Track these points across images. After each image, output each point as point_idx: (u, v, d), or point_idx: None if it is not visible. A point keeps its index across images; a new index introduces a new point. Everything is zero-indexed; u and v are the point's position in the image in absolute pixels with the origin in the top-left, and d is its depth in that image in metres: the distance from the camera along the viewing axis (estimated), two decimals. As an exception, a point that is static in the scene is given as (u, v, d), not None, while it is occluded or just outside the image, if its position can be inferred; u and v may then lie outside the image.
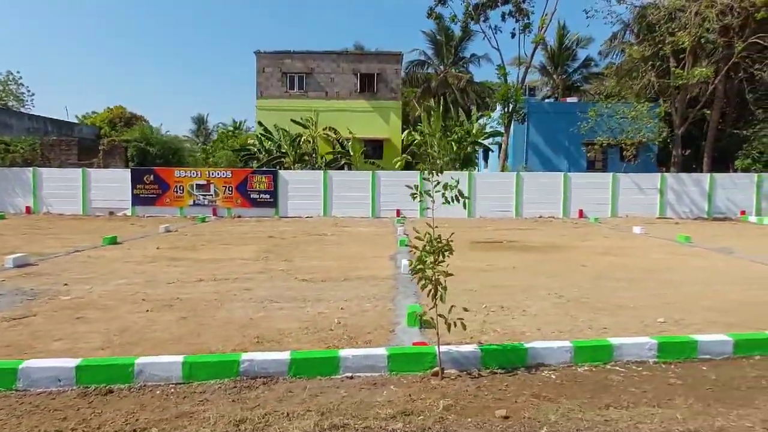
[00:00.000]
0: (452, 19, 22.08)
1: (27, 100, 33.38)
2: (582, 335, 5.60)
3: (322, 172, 20.77)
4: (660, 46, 20.57)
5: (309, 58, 26.89)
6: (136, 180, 20.48)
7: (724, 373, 4.51)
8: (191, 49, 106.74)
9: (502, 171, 23.53)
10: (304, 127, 23.27)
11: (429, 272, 4.37)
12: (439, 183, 4.39)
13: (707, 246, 12.69)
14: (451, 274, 4.53)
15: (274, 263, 10.25)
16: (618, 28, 24.10)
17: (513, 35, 23.90)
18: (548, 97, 37.00)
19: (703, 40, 19.02)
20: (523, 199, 20.86)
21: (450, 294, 7.66)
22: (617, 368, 4.61)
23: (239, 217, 20.54)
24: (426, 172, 4.44)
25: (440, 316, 4.40)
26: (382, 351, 4.46)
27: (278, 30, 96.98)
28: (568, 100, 27.61)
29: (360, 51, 27.19)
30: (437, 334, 4.49)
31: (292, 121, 24.07)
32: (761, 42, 19.09)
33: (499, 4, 23.41)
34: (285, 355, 4.31)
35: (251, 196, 20.68)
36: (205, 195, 20.61)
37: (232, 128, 26.29)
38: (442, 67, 39.85)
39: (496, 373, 4.48)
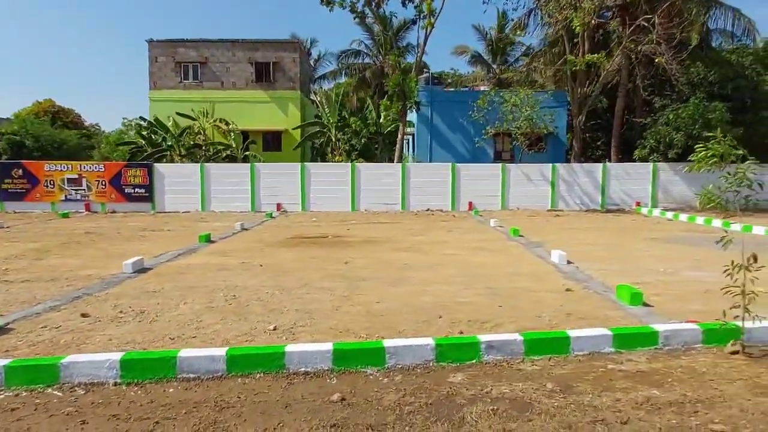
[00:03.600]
0: (341, 5, 21.14)
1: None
2: (147, 346, 4.86)
3: (198, 165, 19.90)
4: (550, 29, 19.73)
5: (203, 47, 25.86)
6: (3, 174, 19.59)
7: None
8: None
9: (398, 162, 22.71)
10: (193, 119, 22.33)
11: None
12: None
13: (527, 240, 12.00)
14: None
15: (18, 263, 9.47)
16: (521, 13, 23.20)
17: (414, 21, 23.01)
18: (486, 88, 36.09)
19: (587, 21, 18.10)
20: (409, 192, 20.08)
21: (124, 296, 6.98)
22: (56, 392, 3.85)
23: (113, 212, 19.69)
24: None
25: None
26: None
27: (243, 21, 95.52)
28: (482, 88, 26.74)
29: (255, 39, 26.02)
30: None
31: (178, 113, 23.15)
32: (646, 24, 18.29)
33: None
34: None
35: (126, 190, 19.82)
36: (77, 189, 19.74)
37: (140, 122, 25.09)
38: (380, 57, 38.88)
39: None
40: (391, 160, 26.87)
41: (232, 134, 22.99)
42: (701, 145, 4.88)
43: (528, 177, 20.11)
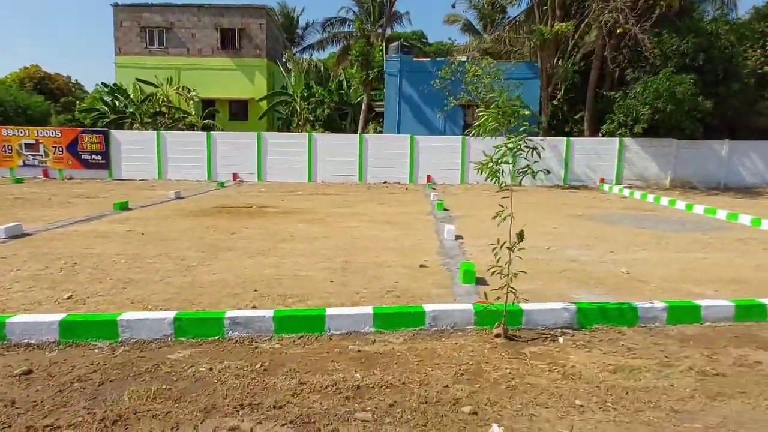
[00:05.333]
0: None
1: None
2: None
3: (155, 132, 19.72)
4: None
5: (168, 11, 25.24)
6: (-38, 139, 19.63)
7: None
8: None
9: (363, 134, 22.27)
10: (154, 85, 22.05)
11: None
12: None
13: (445, 215, 11.74)
14: None
15: None
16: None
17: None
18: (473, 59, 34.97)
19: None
20: (367, 164, 19.71)
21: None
22: None
23: (71, 178, 19.71)
24: None
25: None
26: None
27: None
28: (460, 58, 25.80)
29: (221, 4, 25.38)
30: None
31: (138, 80, 22.85)
32: (612, -8, 17.33)
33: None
34: None
35: (83, 157, 19.78)
36: (34, 155, 19.75)
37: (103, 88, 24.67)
38: (369, 25, 37.84)
39: None
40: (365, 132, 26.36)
41: (192, 102, 22.69)
42: (482, 109, 4.53)
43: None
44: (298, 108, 22.90)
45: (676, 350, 4.04)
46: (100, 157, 19.78)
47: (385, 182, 19.72)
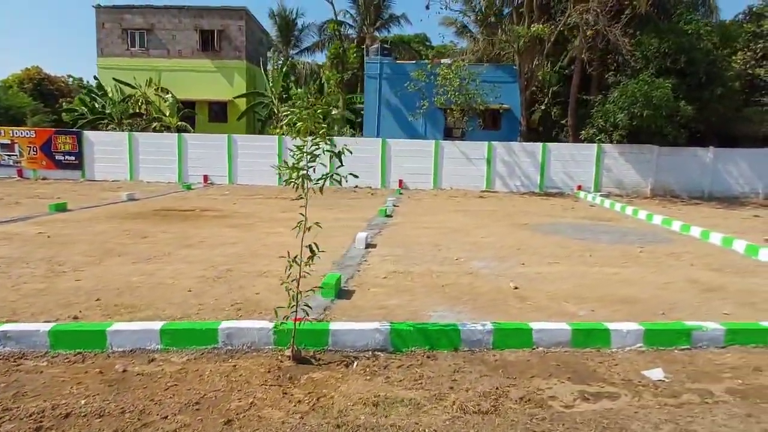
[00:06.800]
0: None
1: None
2: None
3: (126, 134, 19.70)
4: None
5: (149, 13, 25.28)
6: (-60, 138, 19.88)
7: None
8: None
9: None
10: (132, 87, 22.07)
11: None
12: None
13: (382, 221, 11.32)
14: None
15: None
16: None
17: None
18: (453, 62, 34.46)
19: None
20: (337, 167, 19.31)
21: None
22: None
23: (44, 179, 19.81)
24: None
25: None
26: None
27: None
28: (443, 61, 25.36)
29: (201, 6, 25.31)
30: None
31: (115, 80, 22.92)
32: (586, -6, 16.74)
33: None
34: None
35: (56, 157, 19.87)
36: (9, 155, 19.90)
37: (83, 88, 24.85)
38: (364, 28, 37.60)
39: None
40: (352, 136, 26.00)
41: (167, 102, 22.65)
42: (284, 107, 4.16)
43: (466, 156, 19.09)
44: (276, 110, 22.71)
45: (471, 380, 3.60)
46: (73, 158, 19.84)
47: (356, 187, 19.33)
